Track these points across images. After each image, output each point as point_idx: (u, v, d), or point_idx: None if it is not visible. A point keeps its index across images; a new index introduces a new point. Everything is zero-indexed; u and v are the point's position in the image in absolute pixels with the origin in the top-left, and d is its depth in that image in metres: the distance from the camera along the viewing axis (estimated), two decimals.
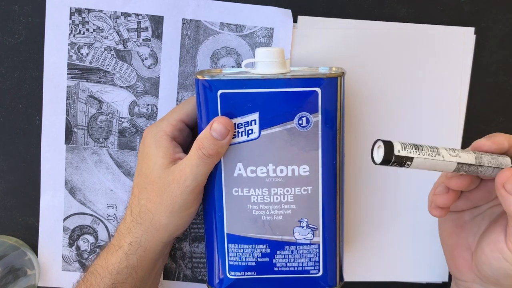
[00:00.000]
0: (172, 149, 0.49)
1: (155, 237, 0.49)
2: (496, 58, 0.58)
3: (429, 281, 0.60)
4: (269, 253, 0.50)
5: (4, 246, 0.58)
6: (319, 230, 0.49)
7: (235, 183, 0.48)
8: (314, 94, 0.46)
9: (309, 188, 0.48)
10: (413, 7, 0.56)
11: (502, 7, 0.57)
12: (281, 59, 0.48)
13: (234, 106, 0.47)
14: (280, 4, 0.56)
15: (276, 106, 0.46)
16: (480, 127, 0.58)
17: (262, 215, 0.49)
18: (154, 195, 0.48)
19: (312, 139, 0.47)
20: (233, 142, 0.47)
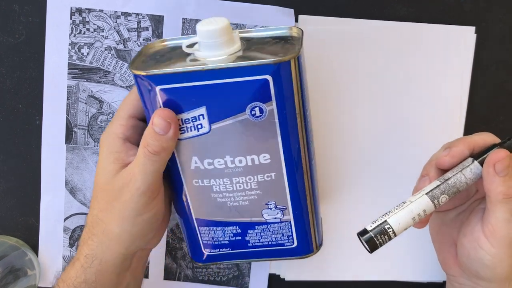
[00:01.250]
0: (125, 153, 0.45)
1: (110, 249, 0.45)
2: (496, 58, 0.58)
3: (430, 281, 0.60)
4: (240, 232, 0.49)
5: (4, 246, 0.58)
6: (288, 209, 0.47)
7: (194, 175, 0.46)
8: (264, 83, 0.41)
9: (273, 174, 0.45)
10: (413, 7, 0.56)
11: (503, 7, 0.57)
12: (227, 36, 0.42)
13: (177, 101, 0.42)
14: (281, 3, 0.56)
15: (223, 99, 0.42)
16: (480, 126, 0.58)
17: (227, 202, 0.47)
18: (104, 203, 0.45)
19: (269, 128, 0.43)
20: (184, 137, 0.44)
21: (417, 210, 0.44)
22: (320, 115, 0.58)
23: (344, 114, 0.58)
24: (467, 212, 0.49)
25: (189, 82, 0.41)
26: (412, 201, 0.44)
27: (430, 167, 0.47)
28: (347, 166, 0.59)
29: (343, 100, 0.58)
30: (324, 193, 0.59)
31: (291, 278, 0.60)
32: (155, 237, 0.49)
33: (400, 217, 0.43)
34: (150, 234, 0.47)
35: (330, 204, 0.59)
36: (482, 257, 0.44)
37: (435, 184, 0.44)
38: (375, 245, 0.43)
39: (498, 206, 0.43)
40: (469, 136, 0.47)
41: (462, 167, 0.45)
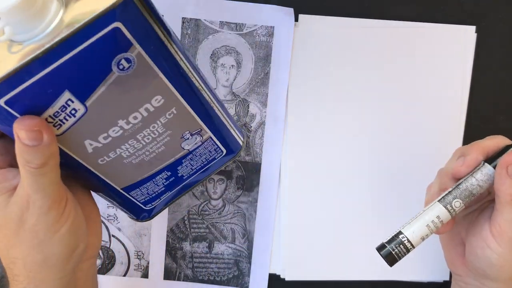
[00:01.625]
0: (3, 179, 0.39)
1: (43, 280, 0.40)
2: (497, 57, 0.57)
3: (430, 280, 0.60)
4: (171, 174, 0.46)
5: None
6: (204, 129, 0.44)
7: (96, 155, 0.40)
8: (116, 31, 0.33)
9: (173, 109, 0.41)
10: (414, 6, 0.56)
11: (503, 6, 0.57)
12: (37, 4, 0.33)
13: (33, 101, 0.34)
14: (281, 2, 0.56)
15: (82, 71, 0.34)
16: (481, 126, 0.58)
17: (144, 158, 0.43)
18: (9, 239, 0.38)
19: (145, 71, 0.37)
20: (64, 130, 0.37)
21: (430, 218, 0.43)
22: (320, 114, 0.58)
23: (344, 114, 0.58)
24: (476, 211, 0.49)
25: (31, 77, 0.33)
26: (425, 209, 0.44)
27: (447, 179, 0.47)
28: (347, 167, 0.58)
29: (343, 100, 0.58)
30: (324, 193, 0.59)
31: (291, 278, 0.60)
32: (91, 243, 0.43)
33: (413, 226, 0.43)
34: (81, 244, 0.41)
35: (330, 204, 0.59)
36: (489, 256, 0.44)
37: (447, 191, 0.45)
38: (393, 257, 0.43)
39: (506, 207, 0.43)
40: (482, 141, 0.46)
41: (474, 170, 0.45)
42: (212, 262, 0.60)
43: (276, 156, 0.58)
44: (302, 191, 0.59)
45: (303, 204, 0.59)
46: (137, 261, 0.60)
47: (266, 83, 0.57)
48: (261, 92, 0.57)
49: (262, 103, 0.58)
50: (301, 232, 0.59)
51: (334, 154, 0.58)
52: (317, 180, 0.59)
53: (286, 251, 0.59)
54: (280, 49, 0.57)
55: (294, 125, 0.58)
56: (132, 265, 0.60)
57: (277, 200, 0.59)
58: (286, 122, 0.58)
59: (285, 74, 0.57)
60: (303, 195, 0.59)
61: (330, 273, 0.60)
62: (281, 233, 0.59)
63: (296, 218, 0.59)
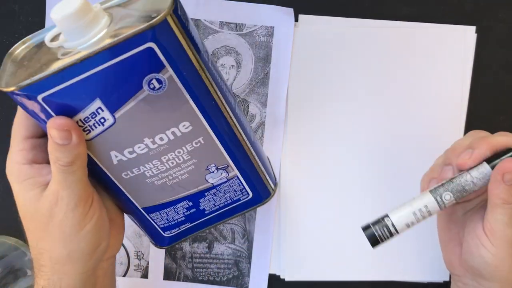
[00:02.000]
0: (38, 175, 0.41)
1: (66, 273, 0.42)
2: (497, 57, 0.57)
3: (430, 281, 0.60)
4: (192, 205, 0.46)
5: (4, 246, 0.58)
6: (230, 166, 0.44)
7: (120, 168, 0.42)
8: (150, 51, 0.36)
9: (200, 139, 0.42)
10: (414, 6, 0.56)
11: (503, 6, 0.57)
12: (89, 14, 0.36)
13: (67, 103, 0.37)
14: (281, 2, 0.56)
15: (114, 83, 0.37)
16: (481, 126, 0.58)
17: (166, 182, 0.44)
18: (39, 231, 0.42)
19: (176, 95, 0.39)
20: (92, 136, 0.40)
21: (418, 206, 0.43)
22: (320, 115, 0.58)
23: (344, 114, 0.58)
24: (473, 210, 0.49)
25: (69, 79, 0.36)
26: (415, 197, 0.44)
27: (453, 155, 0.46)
28: (347, 167, 0.58)
29: (343, 100, 0.57)
30: (324, 193, 0.59)
31: (291, 278, 0.60)
32: (113, 243, 0.46)
33: (400, 212, 0.43)
34: (103, 243, 0.44)
35: (329, 204, 0.59)
36: (484, 255, 0.44)
37: (440, 183, 0.44)
38: (376, 239, 0.43)
39: (496, 209, 0.43)
40: (493, 137, 0.45)
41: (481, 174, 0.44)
42: (212, 262, 0.60)
43: (276, 156, 0.58)
44: (302, 191, 0.59)
45: (303, 204, 0.59)
46: (137, 261, 0.60)
47: (266, 83, 0.57)
48: (261, 92, 0.57)
49: (262, 103, 0.58)
50: (301, 233, 0.59)
51: (334, 154, 0.58)
52: (317, 180, 0.59)
53: (286, 252, 0.59)
54: (280, 49, 0.57)
55: (294, 125, 0.58)
56: (132, 265, 0.60)
57: (277, 201, 0.59)
58: (286, 122, 0.58)
59: (285, 74, 0.57)
60: (303, 195, 0.59)
61: (330, 274, 0.60)
62: (281, 233, 0.59)
63: (296, 218, 0.59)
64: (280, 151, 0.58)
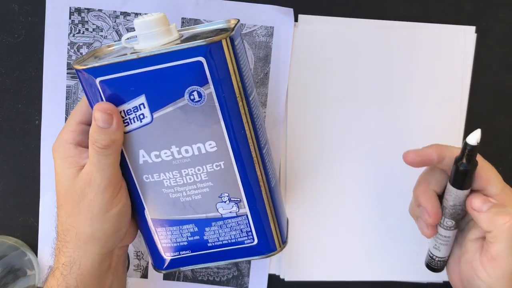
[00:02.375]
0: (79, 156, 0.45)
1: (86, 251, 0.46)
2: (497, 57, 0.57)
3: (430, 281, 0.60)
4: (197, 231, 0.48)
5: (4, 246, 0.58)
6: (243, 202, 0.46)
7: (143, 170, 0.45)
8: (199, 65, 0.41)
9: (221, 163, 0.44)
10: (414, 6, 0.56)
11: (503, 6, 0.57)
12: (163, 27, 0.43)
13: (117, 92, 0.42)
14: (281, 2, 0.56)
15: (161, 85, 0.42)
16: (481, 126, 0.58)
17: (180, 197, 0.46)
18: (70, 207, 0.45)
19: (210, 112, 0.43)
20: (128, 130, 0.44)
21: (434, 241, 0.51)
22: (319, 115, 0.58)
23: (344, 114, 0.58)
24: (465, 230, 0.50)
25: (125, 71, 0.41)
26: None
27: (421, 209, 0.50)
28: (347, 167, 0.58)
29: (343, 100, 0.57)
30: (324, 194, 0.59)
31: (290, 278, 0.60)
32: (129, 232, 0.49)
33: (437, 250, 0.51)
34: (123, 229, 0.47)
35: (329, 204, 0.59)
36: (480, 285, 0.45)
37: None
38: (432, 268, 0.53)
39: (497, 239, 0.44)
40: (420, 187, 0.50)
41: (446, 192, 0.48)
42: None
43: (275, 157, 0.58)
44: (302, 191, 0.59)
45: (303, 205, 0.59)
46: (137, 261, 0.60)
47: (266, 83, 0.57)
48: (260, 93, 0.57)
49: (261, 103, 0.58)
50: (301, 233, 0.59)
51: (333, 154, 0.58)
52: (317, 180, 0.59)
53: (286, 252, 0.59)
54: (280, 49, 0.57)
55: (294, 125, 0.58)
56: (132, 265, 0.60)
57: None
58: (286, 122, 0.58)
59: (284, 74, 0.57)
60: (303, 195, 0.59)
61: (330, 274, 0.60)
62: None
63: (296, 218, 0.59)
64: (280, 151, 0.58)
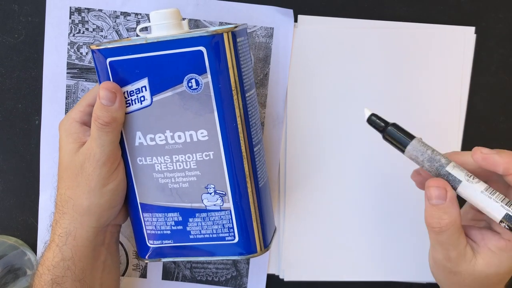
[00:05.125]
0: (82, 134, 0.48)
1: (82, 224, 0.48)
2: (496, 58, 0.57)
3: (429, 281, 0.60)
4: (181, 221, 0.49)
5: (3, 246, 0.58)
6: (228, 196, 0.47)
7: (138, 152, 0.48)
8: (199, 54, 0.44)
9: (211, 153, 0.46)
10: (413, 6, 0.56)
11: (503, 7, 0.57)
12: (175, 20, 0.46)
13: (124, 73, 0.46)
14: (280, 3, 0.56)
15: (163, 70, 0.45)
16: (480, 126, 0.58)
17: (169, 183, 0.48)
18: (70, 180, 0.48)
19: (205, 101, 0.45)
20: (129, 111, 0.47)
21: None
22: (319, 115, 0.58)
23: (343, 114, 0.58)
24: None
25: (133, 54, 0.45)
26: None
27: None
28: (346, 167, 0.58)
29: (342, 101, 0.57)
30: (323, 194, 0.59)
31: (290, 278, 0.60)
32: (123, 212, 0.51)
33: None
34: (117, 205, 0.49)
35: (328, 204, 0.59)
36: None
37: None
38: None
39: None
40: None
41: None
42: (210, 262, 0.60)
43: (275, 157, 0.58)
44: (301, 191, 0.59)
45: (302, 205, 0.59)
46: (136, 261, 0.60)
47: (266, 84, 0.57)
48: (260, 93, 0.57)
49: (261, 104, 0.58)
50: (300, 233, 0.59)
51: (333, 154, 0.58)
52: (317, 181, 0.59)
53: (285, 252, 0.59)
54: (280, 50, 0.57)
55: (294, 126, 0.58)
56: (131, 265, 0.60)
57: (276, 201, 0.59)
58: (286, 122, 0.58)
59: (284, 75, 0.57)
60: (302, 195, 0.59)
61: (329, 274, 0.60)
62: (279, 233, 0.59)
63: (295, 218, 0.59)
64: (279, 151, 0.58)
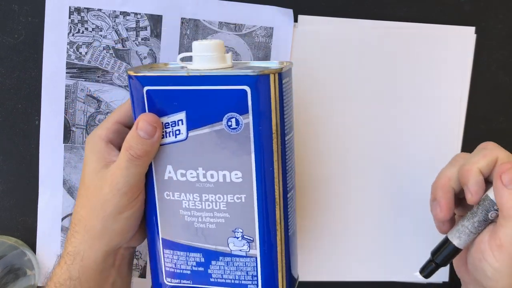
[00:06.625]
0: (107, 153, 0.47)
1: (92, 246, 0.46)
2: (496, 58, 0.57)
3: (430, 281, 0.60)
4: (203, 262, 0.47)
5: (3, 246, 0.58)
6: (255, 242, 0.45)
7: (166, 186, 0.46)
8: (243, 93, 0.42)
9: (243, 196, 0.44)
10: (413, 7, 0.56)
11: (503, 7, 0.57)
12: (219, 53, 0.44)
13: (161, 104, 0.44)
14: (280, 3, 0.56)
15: (203, 106, 0.42)
16: (480, 127, 0.58)
17: (195, 222, 0.46)
18: (86, 200, 0.46)
19: (244, 142, 0.43)
20: (162, 143, 0.45)
21: None
22: (319, 115, 0.58)
23: (344, 114, 0.58)
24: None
25: (173, 85, 0.43)
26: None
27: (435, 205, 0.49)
28: (347, 168, 0.58)
29: (342, 101, 0.57)
30: (325, 194, 0.59)
31: None
32: (138, 235, 0.49)
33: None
34: (131, 231, 0.48)
35: (329, 205, 0.59)
36: (486, 269, 0.44)
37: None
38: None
39: (509, 221, 0.42)
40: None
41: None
42: None
43: None
44: (303, 192, 0.59)
45: (303, 205, 0.59)
46: (135, 261, 0.60)
47: None
48: None
49: None
50: (301, 233, 0.59)
51: (333, 155, 0.58)
52: (317, 181, 0.59)
53: None
54: (279, 50, 0.57)
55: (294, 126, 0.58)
56: None
57: None
58: None
59: None
60: (304, 196, 0.59)
61: (330, 274, 0.60)
62: None
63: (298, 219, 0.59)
64: None
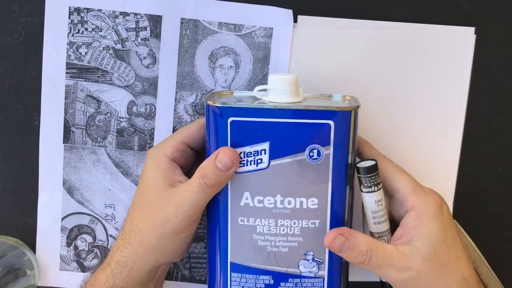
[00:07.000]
0: (172, 172, 0.49)
1: (142, 258, 0.48)
2: (496, 58, 0.57)
3: None
4: (272, 284, 0.48)
5: (3, 246, 0.58)
6: (324, 264, 0.48)
7: (242, 212, 0.47)
8: (327, 127, 0.45)
9: (317, 221, 0.47)
10: (413, 7, 0.56)
11: (503, 7, 0.57)
12: (294, 88, 0.47)
13: (244, 134, 0.46)
14: (280, 3, 0.56)
15: (287, 137, 0.45)
16: (480, 127, 0.58)
17: (267, 246, 0.48)
18: (148, 215, 0.48)
19: (323, 172, 0.46)
20: (242, 171, 0.46)
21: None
22: None
23: None
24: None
25: (258, 117, 0.45)
26: None
27: None
28: None
29: None
30: None
31: None
32: (182, 253, 0.51)
33: None
34: (181, 251, 0.50)
35: None
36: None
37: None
38: None
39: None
40: None
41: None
42: None
43: None
44: None
45: None
46: None
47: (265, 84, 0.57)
48: None
49: None
50: None
51: None
52: None
53: None
54: (279, 50, 0.57)
55: None
56: None
57: None
58: None
59: None
60: None
61: None
62: None
63: None
64: None
